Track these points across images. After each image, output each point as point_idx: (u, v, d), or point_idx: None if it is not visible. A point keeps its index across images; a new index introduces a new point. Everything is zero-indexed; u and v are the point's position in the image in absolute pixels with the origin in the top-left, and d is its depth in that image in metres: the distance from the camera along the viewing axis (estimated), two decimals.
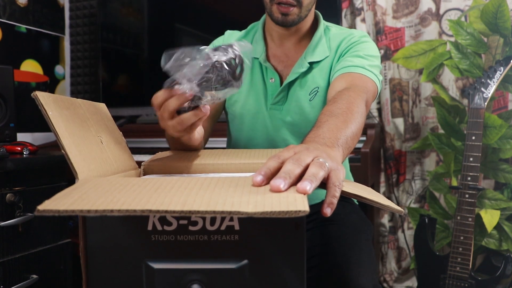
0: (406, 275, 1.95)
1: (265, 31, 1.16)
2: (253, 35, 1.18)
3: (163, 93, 0.71)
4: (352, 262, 0.84)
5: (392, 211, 0.57)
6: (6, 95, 1.47)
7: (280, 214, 0.42)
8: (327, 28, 1.14)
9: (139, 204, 0.43)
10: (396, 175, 1.94)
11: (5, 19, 1.93)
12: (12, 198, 1.25)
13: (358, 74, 1.00)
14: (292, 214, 0.42)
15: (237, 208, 0.42)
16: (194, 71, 0.65)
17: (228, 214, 0.42)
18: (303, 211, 0.42)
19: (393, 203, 0.58)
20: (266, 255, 0.50)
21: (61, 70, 2.24)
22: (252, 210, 0.42)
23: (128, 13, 2.10)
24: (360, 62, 1.03)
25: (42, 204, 0.43)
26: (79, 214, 0.43)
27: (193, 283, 0.50)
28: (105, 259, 0.51)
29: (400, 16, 1.87)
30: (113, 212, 0.42)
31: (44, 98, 0.63)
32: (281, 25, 1.06)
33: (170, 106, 0.70)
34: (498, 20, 1.68)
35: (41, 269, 1.35)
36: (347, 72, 1.01)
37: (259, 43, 1.14)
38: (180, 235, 0.50)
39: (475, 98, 1.54)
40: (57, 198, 0.45)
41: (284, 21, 1.05)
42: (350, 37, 1.10)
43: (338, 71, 1.03)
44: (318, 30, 1.12)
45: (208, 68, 0.65)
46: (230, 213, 0.42)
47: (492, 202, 1.74)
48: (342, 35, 1.11)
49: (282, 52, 1.14)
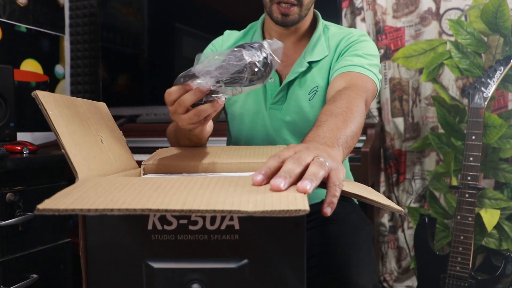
0: (406, 274, 1.95)
1: (264, 30, 1.16)
2: (252, 35, 1.18)
3: (178, 90, 0.70)
4: (352, 262, 0.84)
5: (392, 210, 0.57)
6: (6, 94, 1.47)
7: (280, 213, 0.42)
8: (326, 27, 1.14)
9: (139, 203, 0.43)
10: (396, 174, 1.94)
11: (5, 19, 1.93)
12: (12, 198, 1.25)
13: (357, 73, 1.00)
14: (292, 213, 0.42)
15: (237, 207, 0.42)
16: (224, 70, 0.66)
17: (228, 213, 0.42)
18: (303, 210, 0.42)
19: (393, 202, 0.58)
20: (266, 254, 0.50)
21: (61, 70, 2.24)
22: (252, 209, 0.42)
23: (128, 13, 2.10)
24: (359, 61, 1.02)
25: (42, 203, 0.43)
26: (79, 213, 0.43)
27: (193, 282, 0.50)
28: (105, 259, 0.51)
29: (400, 15, 1.87)
30: (113, 211, 0.42)
31: (44, 98, 0.63)
32: (281, 25, 1.06)
33: (186, 101, 0.70)
34: (498, 20, 1.68)
35: (41, 268, 1.35)
36: (346, 71, 1.01)
37: None
38: (180, 234, 0.50)
39: (475, 98, 1.54)
40: (57, 197, 0.45)
41: (284, 21, 1.05)
42: (349, 36, 1.10)
43: (337, 70, 1.03)
44: (317, 29, 1.12)
45: (239, 68, 0.66)
46: (230, 212, 0.42)
47: (492, 201, 1.74)
48: (341, 34, 1.11)
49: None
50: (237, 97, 1.15)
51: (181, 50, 2.05)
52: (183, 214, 0.43)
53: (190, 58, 1.89)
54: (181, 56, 2.06)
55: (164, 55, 2.08)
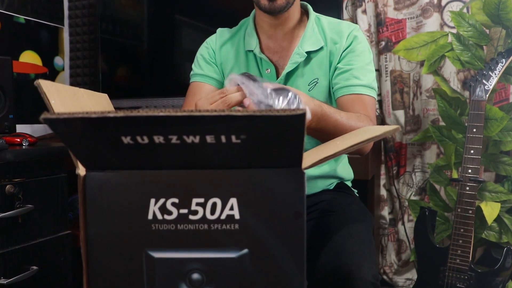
0: (406, 267, 1.96)
1: (256, 24, 1.16)
2: (244, 29, 1.18)
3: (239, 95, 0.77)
4: (353, 253, 0.84)
5: (389, 134, 0.60)
6: (5, 86, 1.46)
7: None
8: (317, 18, 1.15)
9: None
10: (397, 167, 1.93)
11: (4, 10, 1.92)
12: (11, 190, 1.25)
13: (367, 98, 1.06)
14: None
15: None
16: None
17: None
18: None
19: (387, 126, 0.60)
20: (266, 244, 0.50)
21: (60, 62, 2.23)
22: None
23: (128, 4, 2.09)
24: (367, 79, 1.07)
25: (43, 114, 0.43)
26: (81, 116, 0.42)
27: (193, 272, 0.50)
28: (106, 249, 0.51)
29: (401, 7, 1.86)
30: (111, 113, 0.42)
31: (47, 87, 0.63)
32: (269, 12, 1.06)
33: (233, 99, 0.77)
34: (501, 12, 1.67)
35: (41, 260, 1.35)
36: (358, 93, 1.06)
37: (252, 36, 1.14)
38: (181, 224, 0.50)
39: (476, 90, 1.53)
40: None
41: (272, 7, 1.04)
42: (347, 33, 1.10)
43: (348, 88, 1.06)
44: (310, 19, 1.13)
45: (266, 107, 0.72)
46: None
47: (493, 194, 1.74)
48: (335, 28, 1.12)
49: (275, 43, 1.14)
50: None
51: (181, 42, 2.04)
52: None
53: (190, 50, 1.89)
54: (181, 48, 2.04)
55: (164, 47, 2.07)
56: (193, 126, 0.44)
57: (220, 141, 0.45)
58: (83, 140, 0.47)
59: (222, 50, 1.18)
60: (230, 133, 0.44)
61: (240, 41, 1.17)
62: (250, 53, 1.14)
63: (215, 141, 0.45)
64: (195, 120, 0.43)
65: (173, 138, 0.45)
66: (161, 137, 0.45)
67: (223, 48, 1.18)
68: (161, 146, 0.46)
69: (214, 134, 0.44)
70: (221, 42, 1.19)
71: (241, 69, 1.15)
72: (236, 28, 1.21)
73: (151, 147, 0.46)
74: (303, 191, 0.49)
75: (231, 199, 0.50)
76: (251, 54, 1.14)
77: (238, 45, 1.17)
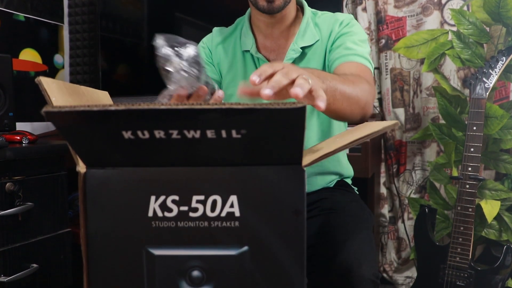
0: (406, 265, 1.96)
1: (252, 24, 1.16)
2: (240, 29, 1.18)
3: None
4: (353, 251, 0.84)
5: (388, 129, 0.60)
6: (5, 84, 1.46)
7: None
8: (312, 13, 1.15)
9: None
10: (397, 165, 1.93)
11: (3, 7, 1.91)
12: (11, 187, 1.25)
13: (359, 64, 1.01)
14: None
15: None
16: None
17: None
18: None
19: (385, 122, 0.60)
20: (266, 242, 0.50)
21: (60, 59, 2.23)
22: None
23: (128, 2, 2.09)
24: (361, 50, 1.03)
25: (44, 107, 0.43)
26: (82, 109, 0.42)
27: (193, 269, 0.50)
28: (106, 246, 0.51)
29: (401, 5, 1.86)
30: (112, 106, 0.42)
31: (47, 84, 0.63)
32: (268, 12, 1.05)
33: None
34: (501, 9, 1.67)
35: (41, 258, 1.36)
36: (350, 60, 1.02)
37: (248, 36, 1.14)
38: (181, 221, 0.50)
39: (476, 88, 1.53)
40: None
41: (270, 8, 1.04)
42: (341, 20, 1.10)
43: (339, 59, 1.03)
44: (305, 15, 1.12)
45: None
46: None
47: (493, 192, 1.74)
48: (331, 18, 1.12)
49: (271, 42, 1.14)
50: (232, 91, 1.15)
51: None
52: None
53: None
54: None
55: None
56: (194, 120, 0.43)
57: (220, 136, 0.45)
58: (84, 135, 0.47)
59: (218, 50, 1.18)
60: (230, 128, 0.44)
61: (237, 41, 1.17)
62: (247, 53, 1.14)
63: (216, 136, 0.45)
64: (195, 112, 0.42)
65: (174, 133, 0.45)
66: (161, 132, 0.45)
67: (219, 47, 1.18)
68: (162, 142, 0.46)
69: (215, 129, 0.44)
70: (217, 41, 1.19)
71: (238, 69, 1.15)
72: (232, 27, 1.21)
73: (152, 142, 0.46)
74: (303, 188, 0.49)
75: (231, 197, 0.49)
76: (248, 54, 1.14)
77: (234, 45, 1.17)
